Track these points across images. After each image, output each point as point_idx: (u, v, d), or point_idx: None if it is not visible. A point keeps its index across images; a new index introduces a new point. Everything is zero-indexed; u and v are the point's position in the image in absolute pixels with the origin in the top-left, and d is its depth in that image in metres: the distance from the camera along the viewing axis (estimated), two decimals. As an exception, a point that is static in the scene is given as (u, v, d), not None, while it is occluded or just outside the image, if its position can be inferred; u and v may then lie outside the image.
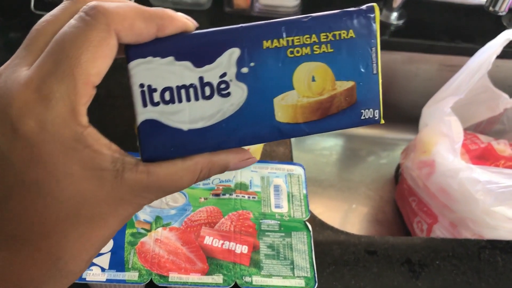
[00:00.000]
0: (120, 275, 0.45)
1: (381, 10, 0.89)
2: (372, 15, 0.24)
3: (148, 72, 0.23)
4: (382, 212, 0.90)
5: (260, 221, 0.50)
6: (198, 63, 0.23)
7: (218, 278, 0.45)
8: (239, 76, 0.23)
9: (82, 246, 0.23)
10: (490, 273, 0.57)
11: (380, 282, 0.54)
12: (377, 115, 0.25)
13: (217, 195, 0.51)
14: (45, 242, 0.23)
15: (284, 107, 0.24)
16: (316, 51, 0.23)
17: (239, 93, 0.24)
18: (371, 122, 0.25)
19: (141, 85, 0.23)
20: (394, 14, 0.88)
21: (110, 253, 0.46)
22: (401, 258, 0.57)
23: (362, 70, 0.24)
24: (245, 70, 0.23)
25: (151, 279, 0.45)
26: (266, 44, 0.23)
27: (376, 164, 0.97)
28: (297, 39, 0.23)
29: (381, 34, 0.87)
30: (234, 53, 0.23)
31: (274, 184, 0.53)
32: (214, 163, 0.25)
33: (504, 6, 0.75)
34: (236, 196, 0.52)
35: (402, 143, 0.98)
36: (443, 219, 0.75)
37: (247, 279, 0.45)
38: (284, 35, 0.23)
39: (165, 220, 0.49)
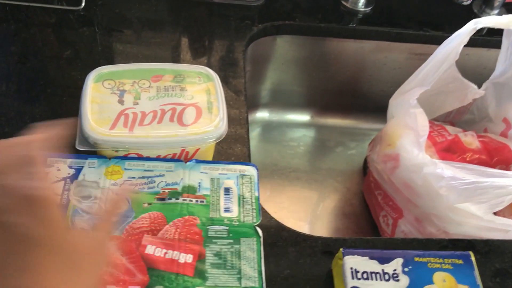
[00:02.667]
0: (53, 290, 0.42)
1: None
2: (471, 259, 0.47)
3: (354, 261, 0.45)
4: (350, 205, 0.88)
5: (208, 227, 0.47)
6: (382, 262, 0.44)
7: (159, 291, 0.43)
8: (404, 271, 0.43)
9: None
10: (450, 274, 0.55)
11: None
12: None
13: (162, 199, 0.48)
14: None
15: None
16: (444, 266, 0.44)
17: (405, 281, 0.43)
18: None
19: (351, 268, 0.45)
20: (361, 1, 0.84)
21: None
22: (359, 260, 0.54)
23: (472, 282, 0.44)
24: (406, 269, 0.43)
25: (87, 292, 0.42)
26: (416, 258, 0.44)
27: (345, 155, 0.95)
28: (431, 260, 0.45)
29: (349, 22, 0.84)
30: (400, 260, 0.45)
31: (225, 187, 0.50)
32: None
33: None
34: (183, 200, 0.49)
35: (372, 133, 0.95)
36: (408, 214, 0.73)
37: (191, 290, 0.43)
38: (423, 254, 0.46)
39: (105, 227, 0.46)
